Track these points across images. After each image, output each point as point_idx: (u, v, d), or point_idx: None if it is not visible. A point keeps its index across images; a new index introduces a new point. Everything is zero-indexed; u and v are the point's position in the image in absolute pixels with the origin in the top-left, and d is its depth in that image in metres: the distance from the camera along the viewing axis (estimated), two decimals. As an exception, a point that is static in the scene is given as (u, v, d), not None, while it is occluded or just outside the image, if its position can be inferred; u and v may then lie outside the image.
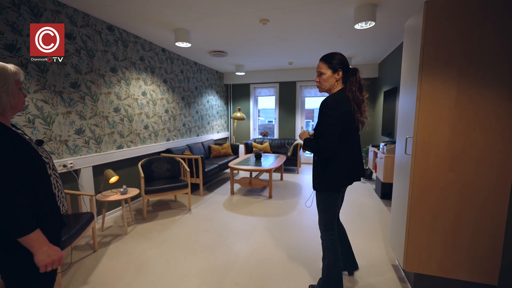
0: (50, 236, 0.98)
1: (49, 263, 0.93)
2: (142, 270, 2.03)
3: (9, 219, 0.85)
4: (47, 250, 0.92)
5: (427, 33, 1.54)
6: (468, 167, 1.54)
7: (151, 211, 3.30)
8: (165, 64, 4.09)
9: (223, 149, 5.19)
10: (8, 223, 0.85)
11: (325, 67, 1.54)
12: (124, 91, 3.25)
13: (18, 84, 0.96)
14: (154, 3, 2.48)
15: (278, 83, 6.19)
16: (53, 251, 0.94)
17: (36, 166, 0.95)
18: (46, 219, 0.96)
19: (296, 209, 3.34)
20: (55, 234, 1.02)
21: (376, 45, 3.94)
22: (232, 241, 2.49)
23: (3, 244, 0.90)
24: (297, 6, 2.56)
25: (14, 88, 0.94)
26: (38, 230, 0.90)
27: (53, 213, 1.00)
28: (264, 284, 1.86)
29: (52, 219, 0.99)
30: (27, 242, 0.88)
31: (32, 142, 1.00)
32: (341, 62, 1.54)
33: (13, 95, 0.93)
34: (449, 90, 1.53)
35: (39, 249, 0.91)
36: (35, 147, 0.99)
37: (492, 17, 1.43)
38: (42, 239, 0.92)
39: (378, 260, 2.16)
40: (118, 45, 3.14)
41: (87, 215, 2.12)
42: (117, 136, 3.16)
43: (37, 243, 0.90)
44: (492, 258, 1.57)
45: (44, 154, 1.03)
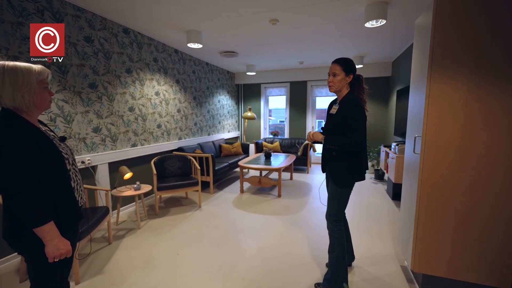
0: (67, 226, 1.05)
1: (57, 255, 0.99)
2: (153, 262, 2.12)
3: (25, 210, 0.91)
4: (57, 243, 0.98)
5: (436, 31, 1.52)
6: (478, 166, 1.51)
7: (163, 207, 3.41)
8: (178, 64, 4.20)
9: (234, 148, 5.26)
10: (24, 214, 0.92)
11: (339, 69, 1.67)
12: (139, 91, 3.38)
13: (42, 84, 1.03)
14: (168, 6, 2.57)
15: (289, 82, 6.19)
16: (63, 244, 1.00)
17: (56, 161, 1.02)
18: (64, 211, 1.04)
19: (305, 208, 3.35)
20: (72, 225, 1.09)
21: (388, 43, 3.87)
22: (240, 238, 2.54)
23: (22, 233, 0.98)
24: (307, 6, 2.57)
25: (37, 88, 1.00)
26: (51, 222, 0.97)
27: (71, 206, 1.08)
28: (270, 279, 1.89)
29: (70, 211, 1.07)
30: (40, 233, 0.95)
31: (55, 139, 1.08)
32: (353, 67, 1.68)
33: (36, 94, 1.00)
34: (459, 88, 1.51)
35: (50, 241, 0.97)
36: (57, 143, 1.07)
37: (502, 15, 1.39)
38: (54, 231, 0.98)
39: (387, 260, 2.14)
40: (133, 47, 3.27)
41: (103, 209, 2.23)
42: (131, 135, 3.29)
43: (49, 235, 0.96)
44: (504, 261, 1.52)
45: (65, 150, 1.10)
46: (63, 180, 1.04)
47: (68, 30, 2.48)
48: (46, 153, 0.98)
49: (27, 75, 0.98)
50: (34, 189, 0.93)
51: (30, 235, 0.96)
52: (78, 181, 1.15)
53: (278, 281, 1.88)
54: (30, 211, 0.92)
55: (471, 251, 1.57)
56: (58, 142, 1.09)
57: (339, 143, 1.61)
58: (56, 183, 1.01)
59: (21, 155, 0.91)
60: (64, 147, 1.12)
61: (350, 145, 1.58)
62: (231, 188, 4.31)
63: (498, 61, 1.42)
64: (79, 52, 2.59)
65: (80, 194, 1.15)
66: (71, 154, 1.14)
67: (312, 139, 1.74)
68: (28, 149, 0.93)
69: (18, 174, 0.90)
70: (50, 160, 1.00)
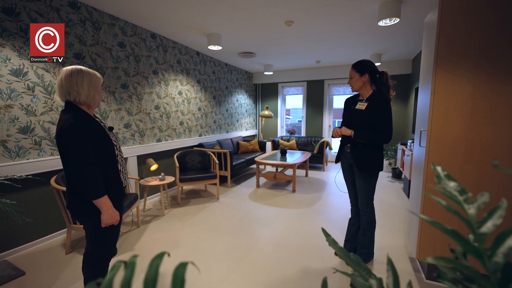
0: (115, 200, 1.29)
1: (109, 222, 1.23)
2: (176, 244, 2.36)
3: (88, 186, 1.15)
4: (111, 213, 1.23)
5: (442, 28, 1.59)
6: (484, 159, 1.56)
7: (184, 198, 3.68)
8: (199, 66, 4.47)
9: (251, 146, 5.45)
10: (87, 188, 1.16)
11: (353, 72, 1.85)
12: (163, 91, 3.68)
13: (101, 87, 1.32)
14: (190, 12, 2.81)
15: (306, 81, 6.26)
16: (115, 214, 1.25)
17: (108, 147, 1.27)
18: (112, 189, 1.28)
19: (318, 203, 3.45)
20: (118, 200, 1.33)
21: (405, 41, 3.85)
22: (255, 227, 2.71)
23: (83, 205, 1.22)
24: (320, 7, 2.69)
25: (100, 90, 1.30)
26: (106, 196, 1.21)
27: (117, 185, 1.32)
28: (281, 262, 2.05)
29: (116, 189, 1.31)
30: (98, 204, 1.19)
31: (106, 128, 1.33)
32: (368, 67, 1.83)
33: (100, 95, 1.30)
34: (465, 84, 1.56)
35: (106, 210, 1.21)
36: (108, 132, 1.32)
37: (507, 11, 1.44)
38: (109, 203, 1.22)
39: (396, 253, 2.20)
40: (159, 50, 3.57)
41: (133, 195, 2.52)
42: (157, 131, 3.59)
43: (105, 206, 1.20)
44: (510, 252, 1.55)
45: (113, 138, 1.36)
46: (112, 162, 1.29)
47: (105, 37, 2.80)
48: (100, 139, 1.23)
49: (96, 79, 1.26)
50: (93, 168, 1.17)
51: (89, 206, 1.20)
52: (123, 165, 1.40)
53: (288, 265, 2.02)
54: (92, 186, 1.16)
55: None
56: (108, 131, 1.35)
57: (371, 137, 1.77)
58: (107, 164, 1.26)
59: (84, 140, 1.15)
60: (113, 135, 1.37)
61: (382, 139, 1.76)
62: (248, 183, 4.50)
63: (503, 57, 1.47)
64: (114, 56, 2.91)
65: (124, 176, 1.40)
66: (118, 141, 1.40)
67: (340, 133, 1.88)
68: (89, 134, 1.17)
69: (82, 155, 1.14)
70: (103, 145, 1.24)
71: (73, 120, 1.14)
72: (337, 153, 2.02)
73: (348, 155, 1.92)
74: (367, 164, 1.81)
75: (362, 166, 1.82)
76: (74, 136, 1.13)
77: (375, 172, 1.83)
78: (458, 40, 1.55)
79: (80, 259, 2.10)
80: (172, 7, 2.69)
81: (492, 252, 0.30)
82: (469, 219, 0.33)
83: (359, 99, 1.91)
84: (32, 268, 1.98)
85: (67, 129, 1.12)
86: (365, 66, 1.82)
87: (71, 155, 1.13)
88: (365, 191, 1.87)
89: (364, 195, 1.87)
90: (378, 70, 1.84)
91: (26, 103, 2.18)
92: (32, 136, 2.24)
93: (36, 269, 1.97)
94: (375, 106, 1.77)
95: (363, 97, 1.88)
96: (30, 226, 2.24)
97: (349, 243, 2.09)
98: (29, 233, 2.25)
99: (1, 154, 2.05)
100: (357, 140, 1.83)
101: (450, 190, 0.36)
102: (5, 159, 2.07)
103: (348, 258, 0.49)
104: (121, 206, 1.36)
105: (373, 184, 1.86)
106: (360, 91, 1.89)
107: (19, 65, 2.12)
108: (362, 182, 1.86)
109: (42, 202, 2.32)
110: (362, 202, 1.90)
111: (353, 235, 2.06)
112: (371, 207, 1.91)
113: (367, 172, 1.82)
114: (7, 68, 2.06)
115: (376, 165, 1.81)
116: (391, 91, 1.84)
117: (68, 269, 1.98)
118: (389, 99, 1.79)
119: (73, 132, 1.13)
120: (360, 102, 1.88)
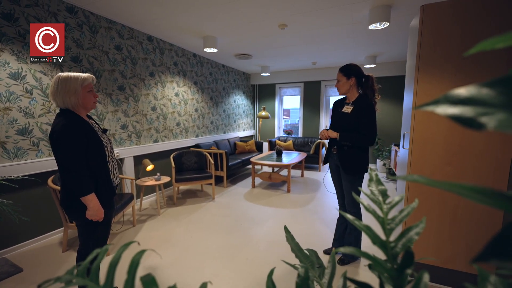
0: (104, 199, 1.36)
1: (93, 218, 1.31)
2: (171, 243, 2.42)
3: (76, 184, 1.24)
4: (96, 210, 1.30)
5: (423, 34, 1.65)
6: (465, 161, 1.62)
7: (180, 198, 3.74)
8: (196, 67, 4.53)
9: (248, 146, 5.51)
10: (75, 187, 1.24)
11: (340, 75, 1.93)
12: (160, 93, 3.74)
13: (86, 88, 1.33)
14: (187, 16, 2.87)
15: (303, 82, 6.32)
16: (99, 212, 1.32)
17: (98, 147, 1.33)
18: (102, 187, 1.35)
19: (312, 203, 3.51)
20: (108, 198, 1.40)
21: (397, 43, 3.90)
22: (248, 226, 2.78)
23: (74, 202, 1.29)
24: (312, 11, 2.75)
25: (81, 92, 1.31)
26: (93, 194, 1.28)
27: (107, 184, 1.39)
28: (271, 260, 2.11)
29: (106, 187, 1.38)
30: (85, 201, 1.27)
31: (98, 130, 1.39)
32: (354, 71, 1.89)
33: (79, 97, 1.30)
34: (446, 88, 1.62)
35: (92, 207, 1.29)
36: (100, 134, 1.39)
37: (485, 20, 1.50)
38: (96, 201, 1.30)
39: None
40: (156, 53, 3.63)
41: (129, 195, 2.58)
42: (153, 132, 3.66)
43: (91, 203, 1.28)
44: (488, 250, 1.61)
45: (105, 139, 1.42)
46: (102, 162, 1.35)
47: (102, 40, 2.87)
48: (90, 140, 1.30)
49: (73, 82, 1.28)
50: (82, 167, 1.25)
51: (78, 203, 1.28)
52: (114, 165, 1.46)
53: (277, 263, 2.09)
54: (79, 184, 1.24)
55: (458, 240, 1.68)
56: (101, 133, 1.41)
57: (355, 139, 1.83)
58: (97, 164, 1.32)
59: (73, 141, 1.23)
60: (105, 137, 1.44)
61: (366, 141, 1.82)
62: (244, 183, 4.56)
63: (482, 61, 1.53)
64: (111, 59, 2.98)
65: (115, 175, 1.46)
66: (110, 143, 1.46)
67: (327, 136, 1.94)
68: (78, 136, 1.25)
69: (72, 155, 1.22)
70: (93, 145, 1.31)
71: (63, 123, 1.23)
72: (325, 155, 2.09)
73: (335, 156, 1.99)
74: (352, 166, 1.88)
75: (347, 167, 1.89)
76: (64, 138, 1.21)
77: (360, 173, 1.89)
78: (438, 45, 1.61)
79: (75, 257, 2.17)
80: (167, 12, 2.75)
81: (395, 243, 0.36)
82: (383, 216, 0.39)
83: (346, 102, 1.97)
84: (30, 265, 2.05)
85: (58, 131, 1.21)
86: (352, 70, 1.89)
87: (61, 155, 1.22)
88: (351, 191, 1.93)
89: (350, 195, 1.94)
90: (364, 74, 1.90)
91: (25, 106, 2.25)
92: (30, 137, 2.30)
93: (34, 266, 2.04)
94: (360, 110, 1.83)
95: (349, 100, 1.94)
96: (28, 224, 2.31)
97: (337, 242, 2.15)
98: (27, 232, 2.32)
99: (0, 155, 2.12)
100: (342, 142, 1.89)
101: (375, 192, 0.43)
102: (4, 160, 2.14)
103: (300, 252, 0.55)
104: (110, 204, 1.43)
105: (358, 184, 1.92)
106: (347, 94, 1.95)
107: (17, 69, 2.19)
108: (348, 182, 1.92)
109: (40, 201, 2.39)
110: (348, 202, 1.97)
111: (341, 235, 2.13)
112: (357, 207, 1.97)
113: (352, 173, 1.88)
114: (6, 71, 2.12)
115: (361, 166, 1.87)
116: (377, 95, 1.90)
117: (64, 267, 2.04)
118: (374, 102, 1.85)
119: (63, 133, 1.21)
120: (346, 105, 1.94)
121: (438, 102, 0.25)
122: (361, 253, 0.34)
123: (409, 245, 0.35)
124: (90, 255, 0.31)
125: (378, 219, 0.39)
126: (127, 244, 0.36)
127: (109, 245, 0.35)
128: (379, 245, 0.36)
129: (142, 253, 0.35)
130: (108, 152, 1.41)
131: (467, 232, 1.65)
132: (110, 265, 0.32)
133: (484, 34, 1.50)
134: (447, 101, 0.24)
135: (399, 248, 0.35)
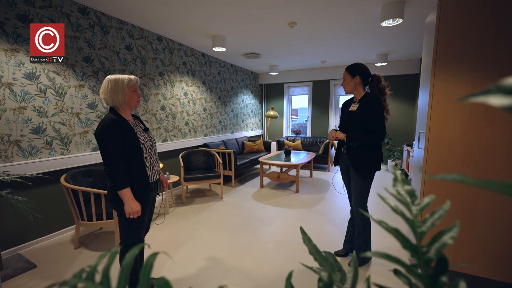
0: (138, 193, 1.42)
1: (131, 212, 1.37)
2: (180, 241, 2.42)
3: (112, 178, 1.34)
4: (131, 204, 1.37)
5: (440, 30, 1.59)
6: (483, 161, 1.55)
7: (188, 197, 3.76)
8: (204, 67, 4.54)
9: (256, 146, 5.49)
10: (112, 180, 1.34)
11: (346, 74, 1.90)
12: (169, 92, 3.76)
13: (131, 88, 1.43)
14: (195, 16, 2.88)
15: (312, 82, 6.25)
16: (135, 206, 1.38)
17: (134, 145, 1.40)
18: (137, 182, 1.42)
19: (321, 203, 3.46)
20: (142, 193, 1.45)
21: (410, 40, 3.80)
22: (256, 226, 2.76)
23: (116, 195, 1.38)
24: (322, 9, 2.70)
25: (127, 91, 1.42)
26: (128, 188, 1.36)
27: (142, 179, 1.44)
28: (279, 260, 2.08)
29: (140, 183, 1.43)
30: (121, 195, 1.36)
31: (139, 129, 1.46)
32: (359, 70, 1.85)
33: (126, 95, 1.42)
34: (463, 86, 1.56)
35: (127, 201, 1.36)
36: (139, 132, 1.45)
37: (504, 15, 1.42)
38: (130, 195, 1.37)
39: (397, 254, 2.20)
40: (165, 53, 3.65)
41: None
42: (163, 131, 3.68)
43: (126, 197, 1.36)
44: (509, 255, 1.54)
45: (143, 137, 1.47)
46: (138, 159, 1.41)
47: (113, 41, 2.90)
48: (127, 138, 1.38)
49: (121, 82, 1.40)
50: (118, 163, 1.34)
51: (117, 196, 1.37)
52: (152, 162, 1.51)
53: (286, 263, 2.06)
54: (116, 179, 1.33)
55: (476, 244, 1.61)
56: (141, 131, 1.48)
57: (364, 138, 1.78)
58: (132, 160, 1.39)
59: (110, 140, 1.33)
60: (145, 135, 1.50)
61: (374, 139, 1.77)
62: (252, 183, 4.55)
63: (500, 59, 1.46)
64: (121, 59, 3.01)
65: (152, 171, 1.51)
66: (149, 141, 1.51)
67: (335, 137, 1.90)
68: (114, 135, 1.34)
69: (109, 152, 1.33)
70: (130, 143, 1.38)
71: (103, 123, 1.35)
72: (335, 155, 2.04)
73: (345, 156, 1.94)
74: (363, 164, 1.83)
75: (357, 167, 1.84)
76: (102, 136, 1.33)
77: (371, 172, 1.84)
78: (456, 42, 1.55)
79: (87, 254, 2.20)
80: (176, 12, 2.76)
81: (428, 248, 0.33)
82: (413, 219, 0.36)
83: (353, 102, 1.93)
84: (43, 261, 2.09)
85: (99, 130, 1.35)
86: (357, 69, 1.86)
87: (102, 151, 1.34)
88: (359, 191, 1.88)
89: (358, 195, 1.88)
90: (370, 73, 1.86)
91: (38, 105, 2.30)
92: (44, 136, 2.35)
93: (47, 262, 2.08)
94: (366, 107, 1.79)
95: (356, 99, 1.91)
96: (41, 222, 2.36)
97: (348, 243, 2.10)
98: (40, 229, 2.37)
99: (16, 154, 2.17)
100: (350, 143, 1.84)
101: (401, 193, 0.40)
102: (19, 158, 2.19)
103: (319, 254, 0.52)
104: (145, 198, 1.47)
105: (368, 184, 1.87)
106: (353, 93, 1.92)
107: (32, 69, 2.23)
108: (357, 182, 1.87)
109: (53, 199, 2.43)
110: (355, 203, 1.91)
111: (352, 236, 2.08)
112: (365, 208, 1.92)
113: (364, 172, 1.83)
114: (21, 72, 2.17)
115: (372, 165, 1.82)
116: (386, 91, 1.84)
117: (76, 263, 2.07)
118: (381, 99, 1.79)
119: (102, 132, 1.33)
120: (353, 104, 1.91)
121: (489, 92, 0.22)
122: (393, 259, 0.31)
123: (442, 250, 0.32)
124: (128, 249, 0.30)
125: (407, 221, 0.36)
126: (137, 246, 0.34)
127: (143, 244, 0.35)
128: (410, 250, 0.33)
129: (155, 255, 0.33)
130: (146, 149, 1.46)
131: (485, 235, 1.58)
132: (122, 268, 0.31)
133: (505, 32, 1.43)
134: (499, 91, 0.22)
135: (432, 253, 0.32)
